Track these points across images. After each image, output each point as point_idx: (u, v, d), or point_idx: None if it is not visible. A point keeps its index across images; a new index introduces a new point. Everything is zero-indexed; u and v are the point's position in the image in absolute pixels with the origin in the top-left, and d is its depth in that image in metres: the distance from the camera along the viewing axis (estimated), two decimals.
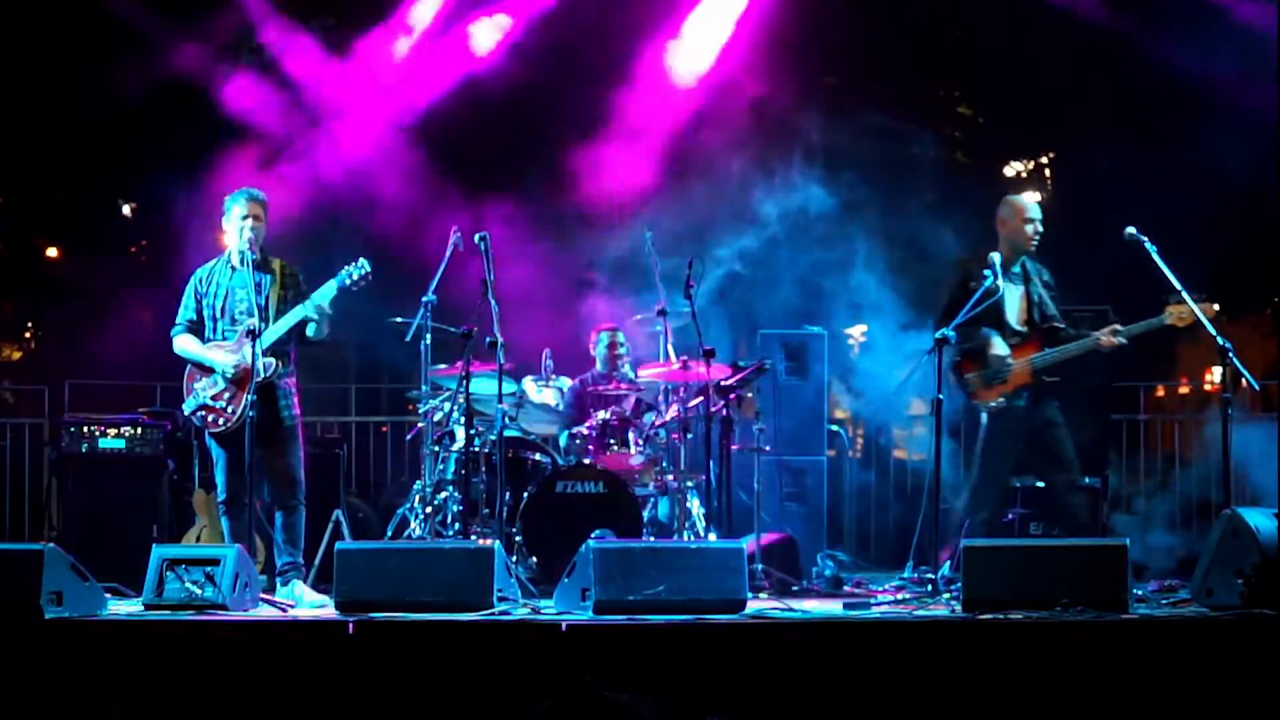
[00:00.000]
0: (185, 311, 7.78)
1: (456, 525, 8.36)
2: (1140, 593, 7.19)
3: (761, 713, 6.16)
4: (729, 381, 8.53)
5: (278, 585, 7.65)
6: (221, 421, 7.59)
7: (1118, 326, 8.00)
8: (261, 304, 7.53)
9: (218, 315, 7.69)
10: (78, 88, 11.44)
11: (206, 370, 7.65)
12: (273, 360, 7.51)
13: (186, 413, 7.74)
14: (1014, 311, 8.20)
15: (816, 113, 10.94)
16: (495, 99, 11.35)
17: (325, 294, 7.60)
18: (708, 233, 10.47)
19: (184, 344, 7.76)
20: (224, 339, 7.68)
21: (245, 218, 7.63)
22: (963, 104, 13.84)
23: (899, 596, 7.58)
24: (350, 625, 6.33)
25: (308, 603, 7.44)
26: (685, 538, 8.42)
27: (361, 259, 7.65)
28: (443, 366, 8.63)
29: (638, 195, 10.74)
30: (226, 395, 7.58)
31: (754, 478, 8.93)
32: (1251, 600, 6.49)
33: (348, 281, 7.62)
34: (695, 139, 11.01)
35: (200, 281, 7.78)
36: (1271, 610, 6.34)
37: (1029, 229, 8.24)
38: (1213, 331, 7.60)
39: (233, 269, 7.71)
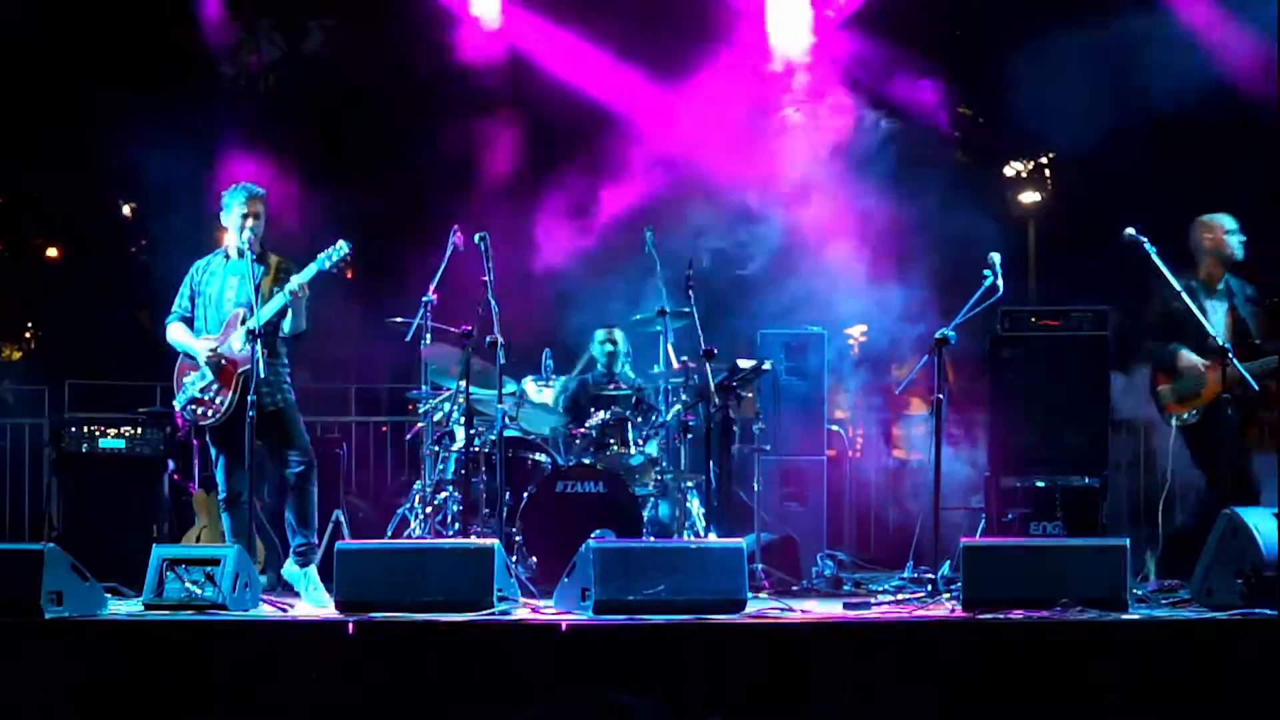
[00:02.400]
0: (180, 301, 7.76)
1: (456, 525, 8.36)
2: (1140, 593, 7.18)
3: (761, 713, 6.16)
4: (729, 381, 8.53)
5: (290, 564, 7.59)
6: (210, 414, 7.56)
7: None
8: (254, 298, 7.50)
9: (209, 306, 7.68)
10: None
11: (194, 363, 7.65)
12: (264, 351, 7.44)
13: (178, 408, 7.71)
14: (1218, 328, 7.90)
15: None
16: None
17: (304, 276, 7.55)
18: (709, 231, 10.48)
19: (174, 333, 7.75)
20: (214, 331, 7.67)
21: (245, 215, 7.61)
22: (963, 104, 13.82)
23: (899, 596, 7.58)
24: (350, 625, 6.33)
25: (315, 600, 7.42)
26: (685, 538, 8.42)
27: (340, 241, 7.61)
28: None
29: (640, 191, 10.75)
30: (214, 387, 7.56)
31: (754, 478, 8.92)
32: (1251, 600, 6.50)
33: (327, 264, 7.58)
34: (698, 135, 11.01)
35: (196, 272, 7.77)
36: (1271, 610, 6.34)
37: (1233, 240, 8.12)
38: (1212, 331, 7.61)
39: (227, 259, 7.71)
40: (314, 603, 7.44)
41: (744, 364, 8.80)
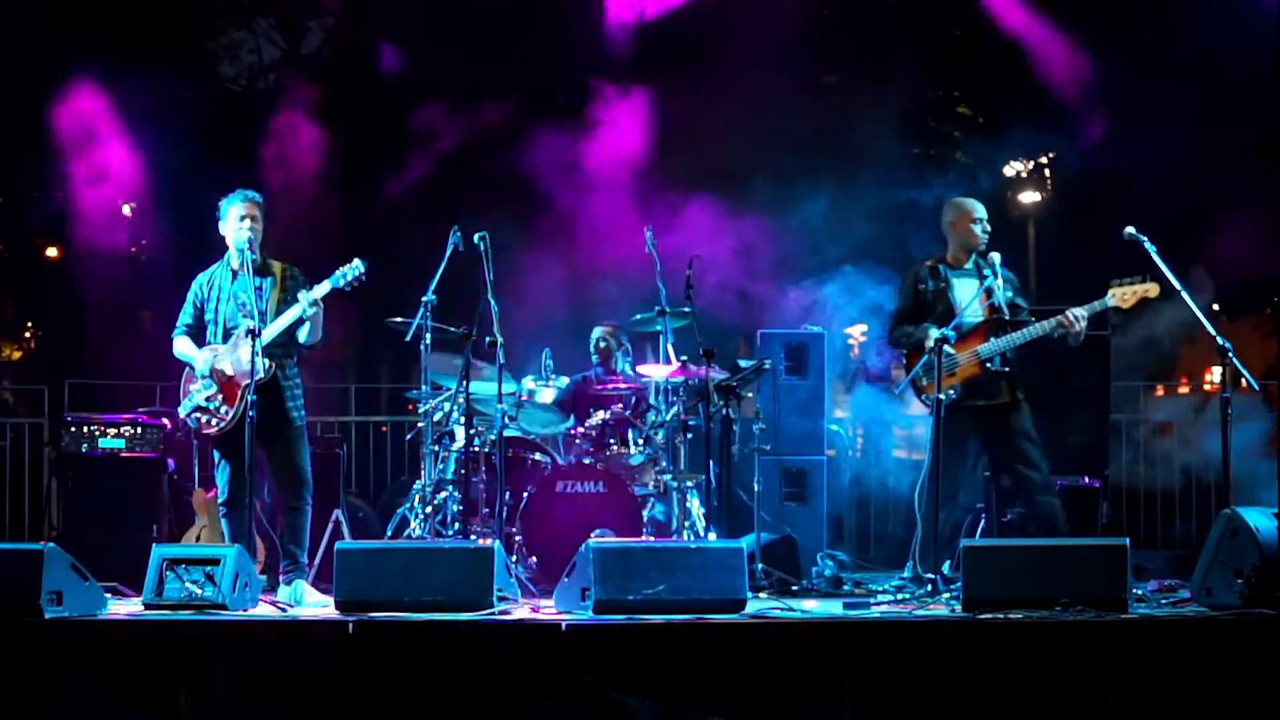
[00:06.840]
0: (184, 316, 7.77)
1: (456, 525, 8.36)
2: (1140, 593, 7.18)
3: (761, 713, 6.16)
4: (729, 381, 8.52)
5: (280, 584, 7.65)
6: (215, 423, 7.57)
7: (1075, 310, 7.75)
8: (263, 308, 7.50)
9: (220, 320, 7.67)
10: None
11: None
12: (267, 361, 7.45)
13: (182, 415, 7.74)
14: (970, 304, 7.90)
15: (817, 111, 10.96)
16: None
17: (319, 293, 7.54)
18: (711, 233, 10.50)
19: (180, 347, 7.76)
20: (226, 343, 7.66)
21: (243, 219, 7.60)
22: (963, 104, 13.85)
23: (899, 596, 7.58)
24: (350, 625, 6.33)
25: (309, 604, 7.44)
26: (685, 538, 8.42)
27: (356, 260, 7.62)
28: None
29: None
30: (220, 397, 7.57)
31: (754, 478, 8.91)
32: (1251, 600, 6.50)
33: (342, 283, 7.58)
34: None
35: (201, 288, 7.76)
36: (1271, 610, 6.35)
37: (976, 228, 8.13)
38: (1212, 331, 7.60)
39: (233, 273, 7.69)
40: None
41: (744, 364, 8.80)
